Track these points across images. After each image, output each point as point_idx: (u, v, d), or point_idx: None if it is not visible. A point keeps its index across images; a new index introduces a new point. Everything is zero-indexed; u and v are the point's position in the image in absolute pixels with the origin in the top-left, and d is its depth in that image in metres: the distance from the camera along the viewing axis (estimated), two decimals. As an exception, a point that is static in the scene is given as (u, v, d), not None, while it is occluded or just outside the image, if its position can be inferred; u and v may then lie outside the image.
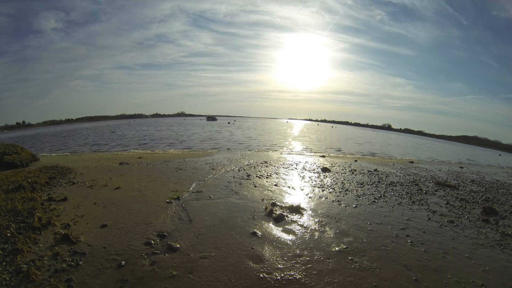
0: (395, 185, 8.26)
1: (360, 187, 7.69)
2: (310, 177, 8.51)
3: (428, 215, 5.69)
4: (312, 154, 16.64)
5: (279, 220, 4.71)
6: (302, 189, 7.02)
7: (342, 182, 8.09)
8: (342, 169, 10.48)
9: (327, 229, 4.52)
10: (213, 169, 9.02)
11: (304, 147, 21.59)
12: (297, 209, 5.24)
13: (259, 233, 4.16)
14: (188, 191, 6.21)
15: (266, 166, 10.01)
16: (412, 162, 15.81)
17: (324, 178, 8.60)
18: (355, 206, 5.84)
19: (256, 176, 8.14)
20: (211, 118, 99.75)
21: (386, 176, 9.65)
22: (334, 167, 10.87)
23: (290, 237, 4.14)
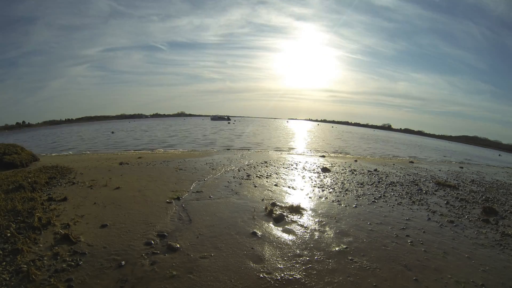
0: (395, 185, 8.26)
1: (360, 187, 7.69)
2: (310, 177, 8.51)
3: (428, 215, 5.69)
4: (312, 154, 16.65)
5: (279, 220, 4.71)
6: (302, 189, 7.02)
7: (342, 182, 8.10)
8: (342, 169, 10.48)
9: (327, 229, 4.52)
10: (213, 169, 9.02)
11: (304, 147, 21.59)
12: (297, 209, 5.24)
13: (259, 233, 4.16)
14: (188, 191, 6.21)
15: (266, 166, 10.01)
16: (412, 162, 15.81)
17: (324, 178, 8.60)
18: (355, 206, 5.84)
19: (256, 176, 8.14)
20: (223, 118, 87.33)
21: (386, 176, 9.66)
22: (334, 167, 10.87)
23: (290, 237, 4.14)
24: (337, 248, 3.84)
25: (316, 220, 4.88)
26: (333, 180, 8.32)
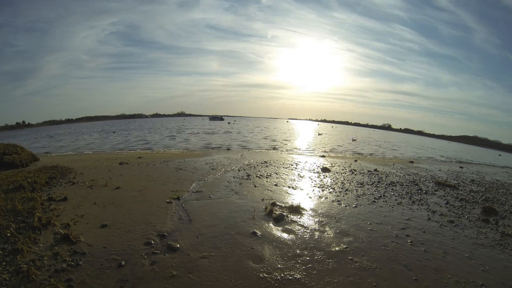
0: (395, 185, 8.26)
1: (360, 187, 7.69)
2: (310, 177, 8.51)
3: (428, 215, 5.69)
4: (312, 154, 16.64)
5: (279, 220, 4.71)
6: (302, 189, 7.02)
7: (342, 182, 8.09)
8: (342, 169, 10.48)
9: (327, 229, 4.52)
10: (213, 169, 9.02)
11: (304, 147, 21.58)
12: (297, 209, 5.23)
13: (259, 233, 4.15)
14: (188, 191, 6.21)
15: (266, 166, 10.01)
16: (412, 162, 15.81)
17: (324, 178, 8.60)
18: (355, 206, 5.84)
19: (256, 176, 8.14)
20: (217, 118, 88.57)
21: (386, 176, 9.66)
22: (334, 167, 10.87)
23: (290, 237, 4.14)
24: (337, 248, 3.84)
25: (316, 220, 4.88)
26: (333, 180, 8.32)
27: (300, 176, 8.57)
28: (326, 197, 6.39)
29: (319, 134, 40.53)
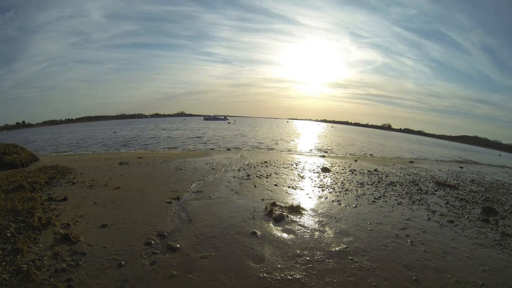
0: (395, 185, 8.26)
1: (360, 187, 7.69)
2: (310, 177, 8.51)
3: (428, 215, 5.69)
4: (312, 154, 16.64)
5: (279, 220, 4.71)
6: (302, 189, 7.02)
7: (342, 182, 8.10)
8: (342, 169, 10.48)
9: (327, 229, 4.52)
10: (213, 169, 9.02)
11: (304, 147, 21.58)
12: (297, 209, 5.24)
13: (259, 233, 4.15)
14: (188, 191, 6.21)
15: (266, 166, 10.01)
16: (412, 162, 15.82)
17: (324, 178, 8.60)
18: (355, 206, 5.84)
19: (256, 176, 8.14)
20: (211, 118, 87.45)
21: (386, 176, 9.66)
22: (334, 167, 10.87)
23: (290, 237, 4.14)
24: (337, 248, 3.84)
25: (316, 220, 4.88)
26: (333, 180, 8.32)
27: (300, 176, 8.58)
28: (326, 197, 6.39)
29: (320, 135, 40.56)
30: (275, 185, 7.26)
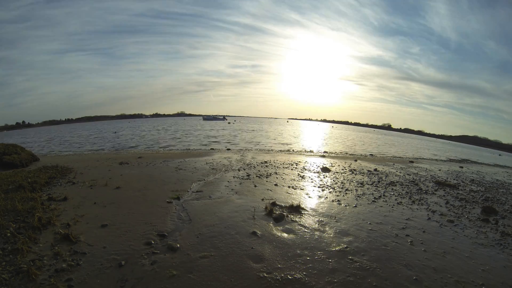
0: (395, 185, 8.26)
1: (360, 186, 7.69)
2: (310, 177, 8.51)
3: (428, 214, 5.69)
4: (312, 153, 16.64)
5: (279, 219, 4.71)
6: (302, 189, 7.02)
7: (342, 182, 8.10)
8: (342, 169, 10.48)
9: (327, 228, 4.52)
10: (213, 168, 9.02)
11: (304, 146, 21.58)
12: (297, 209, 5.24)
13: (259, 233, 4.15)
14: (188, 191, 6.21)
15: (266, 166, 10.01)
16: (412, 162, 15.81)
17: (324, 177, 8.60)
18: (355, 206, 5.84)
19: (256, 176, 8.14)
20: (211, 118, 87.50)
21: (386, 176, 9.66)
22: (334, 167, 10.87)
23: (290, 236, 4.14)
24: (337, 248, 3.84)
25: (316, 219, 4.88)
26: (333, 180, 8.32)
27: (300, 176, 8.58)
28: (326, 197, 6.39)
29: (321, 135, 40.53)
30: (275, 184, 7.26)
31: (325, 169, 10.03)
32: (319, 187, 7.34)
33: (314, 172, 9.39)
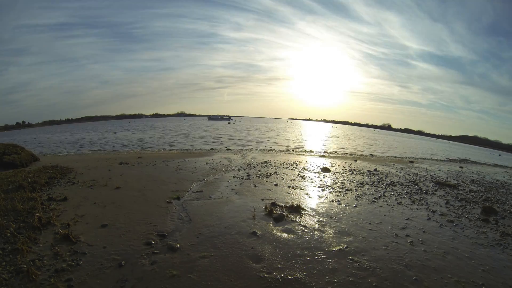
0: (395, 185, 8.26)
1: (360, 186, 7.69)
2: (310, 177, 8.51)
3: (428, 214, 5.69)
4: (312, 153, 16.64)
5: (279, 220, 4.71)
6: (302, 189, 7.02)
7: (342, 182, 8.09)
8: (342, 169, 10.48)
9: (327, 228, 4.52)
10: (213, 168, 9.02)
11: (304, 146, 21.58)
12: (297, 209, 5.24)
13: (259, 233, 4.15)
14: (188, 191, 6.21)
15: (266, 166, 10.01)
16: (412, 162, 15.81)
17: (324, 178, 8.60)
18: (355, 206, 5.84)
19: (256, 176, 8.14)
20: (218, 118, 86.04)
21: (386, 176, 9.66)
22: (334, 167, 10.87)
23: (290, 236, 4.14)
24: (337, 248, 3.84)
25: (316, 219, 4.88)
26: (333, 180, 8.32)
27: (300, 176, 8.57)
28: (326, 197, 6.39)
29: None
30: (275, 185, 7.26)
31: (325, 169, 10.03)
32: (319, 187, 7.34)
33: (314, 172, 9.39)
